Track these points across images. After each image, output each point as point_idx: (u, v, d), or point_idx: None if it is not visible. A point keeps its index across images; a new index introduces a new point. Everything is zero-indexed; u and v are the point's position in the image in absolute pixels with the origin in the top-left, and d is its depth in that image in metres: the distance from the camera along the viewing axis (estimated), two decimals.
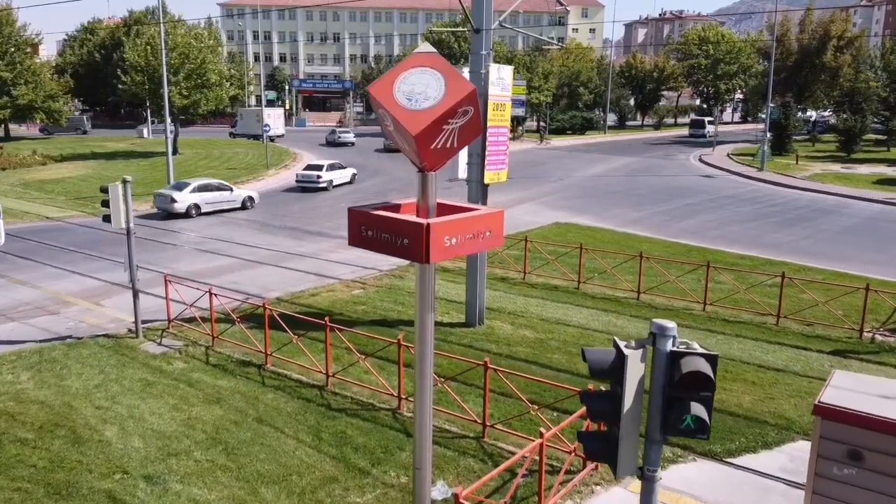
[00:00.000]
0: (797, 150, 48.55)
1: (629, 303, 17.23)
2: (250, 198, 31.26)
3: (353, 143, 64.12)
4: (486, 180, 14.44)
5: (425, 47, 5.02)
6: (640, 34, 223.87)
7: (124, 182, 13.90)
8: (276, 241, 24.61)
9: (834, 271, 20.04)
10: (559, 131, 68.06)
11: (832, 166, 43.28)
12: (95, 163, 46.19)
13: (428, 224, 4.61)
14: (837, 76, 59.93)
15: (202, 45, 48.44)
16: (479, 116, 4.79)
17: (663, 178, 41.11)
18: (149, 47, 46.28)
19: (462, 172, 14.97)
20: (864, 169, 42.05)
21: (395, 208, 5.15)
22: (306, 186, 36.16)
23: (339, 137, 61.30)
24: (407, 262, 21.76)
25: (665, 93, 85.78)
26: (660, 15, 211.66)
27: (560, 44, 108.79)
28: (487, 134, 14.15)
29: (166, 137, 34.10)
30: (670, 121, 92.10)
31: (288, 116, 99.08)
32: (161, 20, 36.96)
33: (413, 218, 4.86)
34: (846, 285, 18.16)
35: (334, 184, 36.99)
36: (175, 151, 50.32)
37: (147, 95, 47.28)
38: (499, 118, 14.49)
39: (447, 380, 11.29)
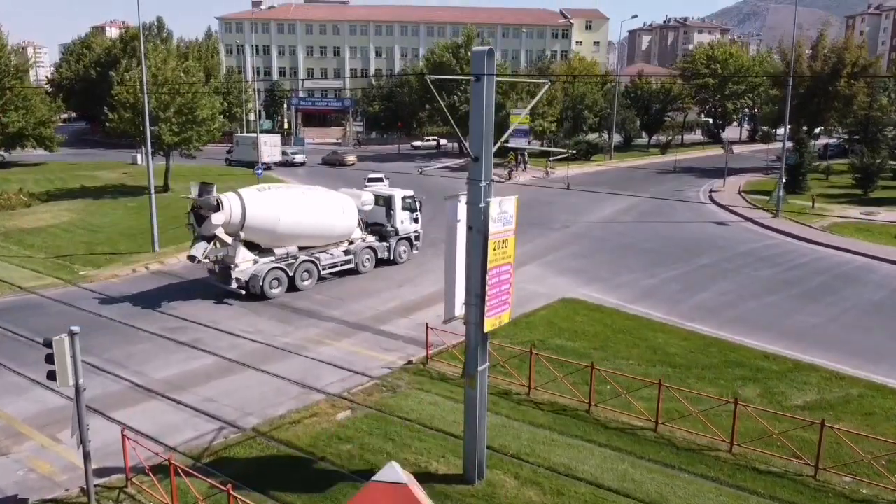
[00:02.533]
0: (812, 191, 46.65)
1: (646, 437, 15.38)
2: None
3: (353, 164, 66.32)
4: (487, 328, 12.65)
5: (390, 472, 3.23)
6: (644, 41, 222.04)
7: (71, 335, 12.11)
8: (260, 326, 22.85)
9: (869, 382, 18.19)
10: (565, 158, 66.17)
11: (850, 210, 41.36)
12: (82, 203, 44.43)
13: None
14: (851, 103, 58.05)
15: (193, 79, 46.63)
16: None
17: (674, 224, 39.27)
18: (138, 84, 44.49)
19: (458, 310, 13.20)
20: (884, 214, 40.14)
21: None
22: None
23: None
24: (398, 365, 20.28)
25: (671, 114, 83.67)
26: (664, 22, 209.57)
27: (563, 59, 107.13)
28: (488, 276, 12.38)
29: (150, 194, 32.26)
30: (678, 136, 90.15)
31: (286, 135, 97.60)
32: (143, 59, 35.09)
33: None
34: (888, 410, 16.42)
35: None
36: (166, 188, 48.88)
37: (136, 133, 45.55)
38: (501, 256, 12.72)
39: None
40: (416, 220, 31.35)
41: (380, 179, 52.29)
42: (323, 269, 27.70)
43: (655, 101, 79.49)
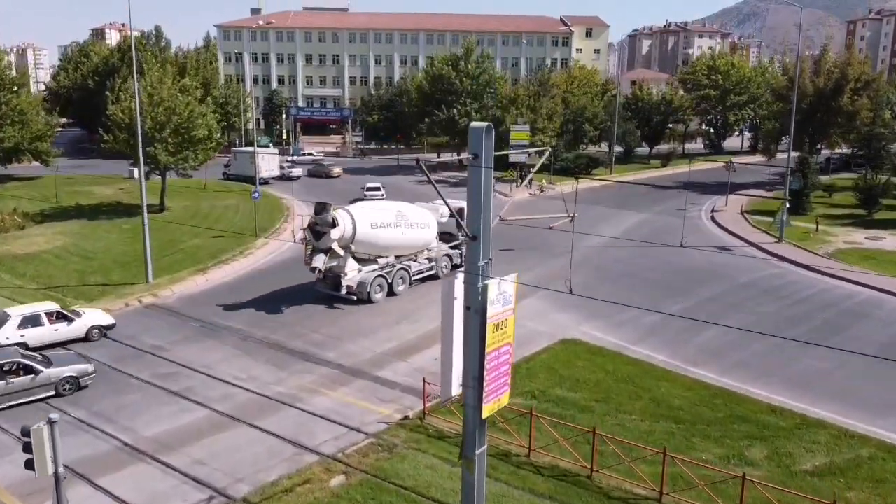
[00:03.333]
0: (816, 212, 46.24)
1: None
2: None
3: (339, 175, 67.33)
4: (485, 413, 12.12)
5: None
6: (645, 45, 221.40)
7: (50, 423, 11.58)
8: (254, 371, 22.32)
9: (880, 441, 17.67)
10: (564, 171, 65.67)
11: (855, 234, 40.85)
12: (77, 225, 43.85)
13: None
14: (854, 119, 57.52)
15: (189, 97, 46.08)
16: None
17: (676, 250, 38.51)
18: (132, 105, 43.96)
19: (455, 389, 12.66)
20: (889, 239, 39.63)
21: None
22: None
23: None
24: (394, 419, 19.75)
25: (672, 124, 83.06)
26: (664, 26, 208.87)
27: (563, 68, 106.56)
28: (486, 360, 11.85)
29: (143, 224, 31.65)
30: (680, 147, 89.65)
31: (285, 144, 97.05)
32: (136, 97, 34.56)
33: None
34: None
35: None
36: (162, 208, 48.36)
37: (132, 153, 44.97)
38: (500, 338, 12.18)
39: None
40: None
41: (377, 189, 55.48)
42: (413, 276, 31.38)
43: (656, 113, 78.93)
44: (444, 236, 33.14)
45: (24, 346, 22.72)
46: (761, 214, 47.24)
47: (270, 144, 65.49)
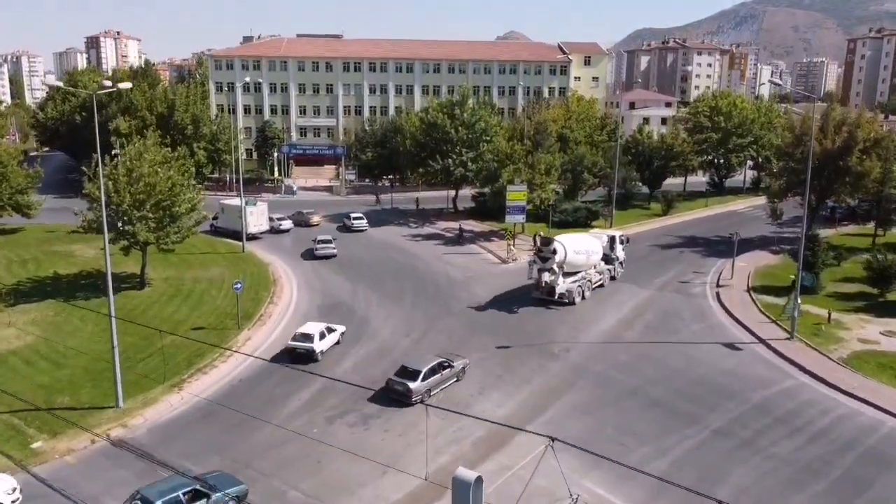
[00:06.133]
0: (826, 288, 44.48)
1: None
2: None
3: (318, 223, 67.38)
4: None
5: None
6: (643, 61, 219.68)
7: None
8: None
9: None
10: (563, 225, 63.72)
11: (869, 328, 38.70)
12: (52, 311, 41.48)
13: None
14: (863, 178, 55.54)
15: (171, 171, 43.94)
16: None
17: (682, 349, 36.60)
18: (111, 182, 41.88)
19: None
20: None
21: None
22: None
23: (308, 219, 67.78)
24: None
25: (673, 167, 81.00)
26: (663, 42, 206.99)
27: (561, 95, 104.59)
28: None
29: (113, 346, 29.45)
30: (682, 185, 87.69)
31: (276, 183, 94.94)
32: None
33: None
34: None
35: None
36: (142, 284, 46.24)
37: (111, 230, 42.81)
38: None
39: None
40: (623, 250, 49.81)
41: (360, 218, 66.67)
42: (592, 286, 45.51)
43: (657, 157, 76.93)
44: (603, 256, 47.19)
45: None
46: (770, 293, 45.25)
47: (258, 203, 63.00)
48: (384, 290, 46.70)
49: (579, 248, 43.34)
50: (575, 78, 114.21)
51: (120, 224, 42.27)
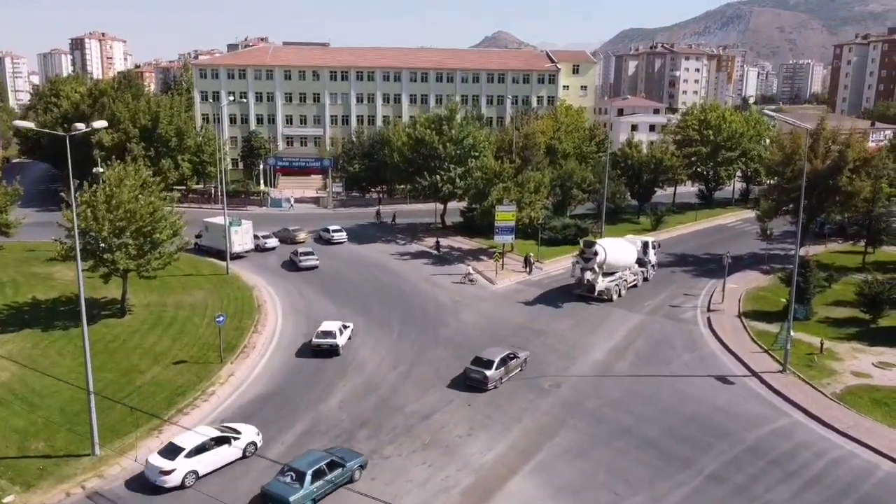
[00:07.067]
0: (818, 314, 44.10)
1: None
2: None
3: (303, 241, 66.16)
4: None
5: None
6: (631, 66, 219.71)
7: None
8: None
9: None
10: (552, 242, 63.13)
11: (862, 358, 38.25)
12: (29, 342, 40.25)
13: None
14: (853, 198, 55.34)
15: (152, 197, 42.92)
16: None
17: (673, 384, 36.00)
18: (90, 210, 40.80)
19: None
20: None
21: None
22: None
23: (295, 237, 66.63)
24: None
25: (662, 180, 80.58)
26: (651, 48, 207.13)
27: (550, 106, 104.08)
28: None
29: (89, 392, 28.40)
30: (671, 196, 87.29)
31: (263, 196, 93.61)
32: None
33: None
34: None
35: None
36: (123, 312, 45.17)
37: (89, 258, 41.78)
38: None
39: None
40: (655, 255, 54.86)
41: (339, 230, 67.96)
42: (628, 285, 50.71)
43: (646, 171, 76.49)
44: (637, 260, 52.25)
45: None
46: (761, 319, 44.81)
47: (242, 222, 61.90)
48: (371, 316, 45.89)
49: (617, 250, 48.92)
50: (563, 87, 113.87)
51: (99, 252, 41.21)
